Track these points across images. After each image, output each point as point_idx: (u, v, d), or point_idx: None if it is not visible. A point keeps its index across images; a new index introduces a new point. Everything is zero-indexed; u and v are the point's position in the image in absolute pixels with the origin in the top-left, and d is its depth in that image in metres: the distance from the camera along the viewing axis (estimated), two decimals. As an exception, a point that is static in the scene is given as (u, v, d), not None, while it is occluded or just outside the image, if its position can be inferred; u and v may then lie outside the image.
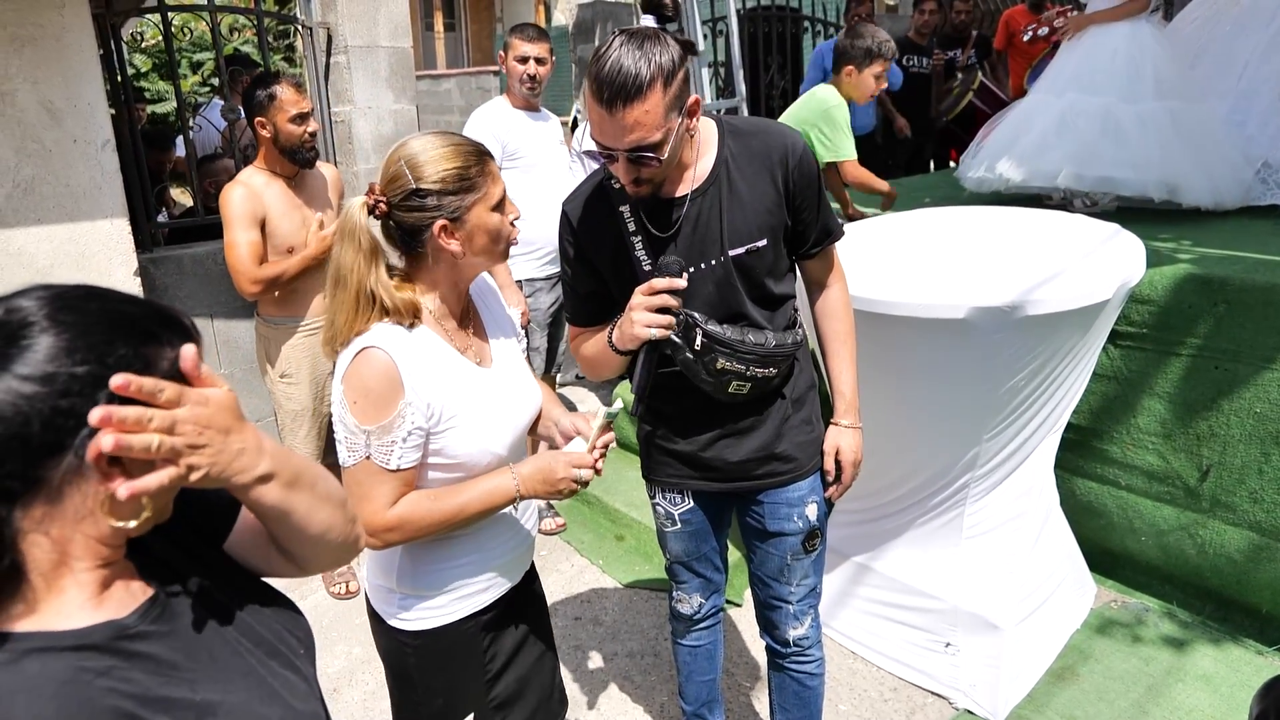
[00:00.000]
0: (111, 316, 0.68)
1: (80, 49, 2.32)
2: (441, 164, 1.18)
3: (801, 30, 6.73)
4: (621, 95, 1.25)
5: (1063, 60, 3.32)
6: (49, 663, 0.66)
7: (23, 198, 2.30)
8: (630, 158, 1.32)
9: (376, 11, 3.28)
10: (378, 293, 1.20)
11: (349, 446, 1.19)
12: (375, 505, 1.21)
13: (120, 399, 0.64)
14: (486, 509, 1.26)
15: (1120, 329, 2.40)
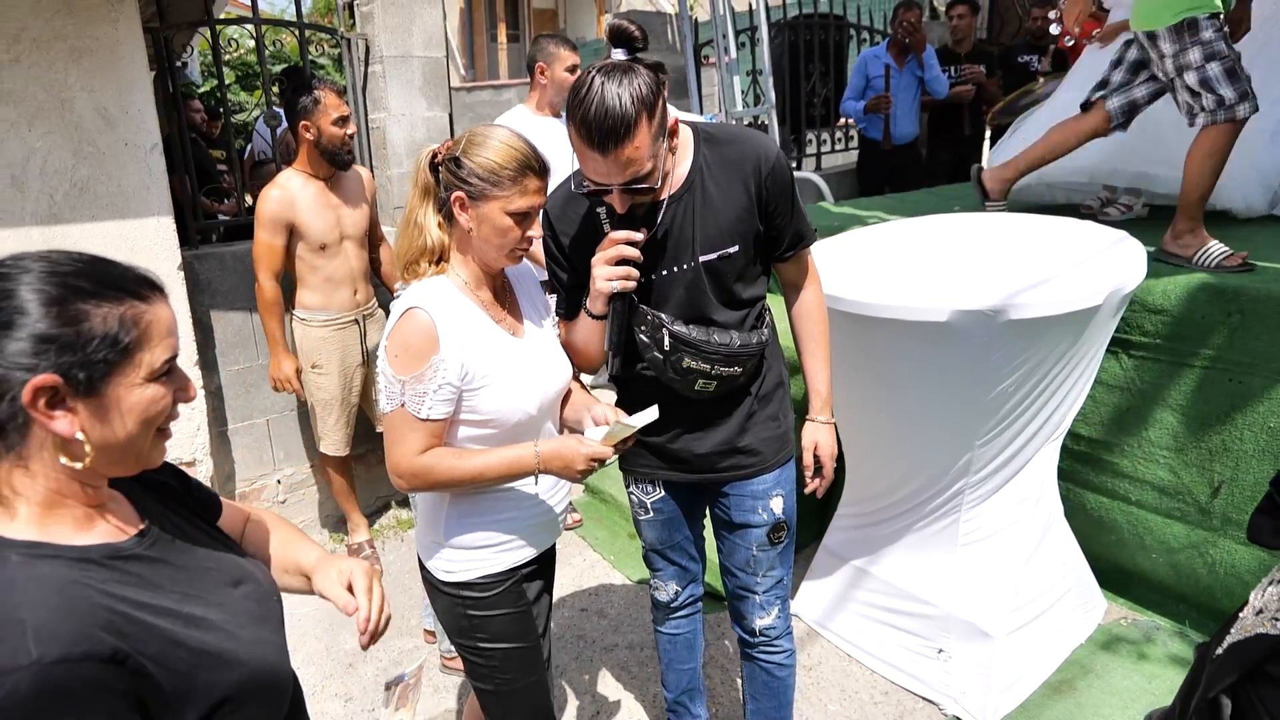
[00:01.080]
0: (32, 298, 0.78)
1: (132, 59, 2.51)
2: (488, 152, 1.32)
3: (846, 38, 6.69)
4: (612, 138, 1.28)
5: (1094, 61, 3.26)
6: (56, 567, 0.78)
7: (79, 196, 2.50)
8: (625, 191, 1.37)
9: (411, 23, 3.43)
10: (422, 225, 1.38)
11: (387, 394, 1.34)
12: (404, 450, 1.35)
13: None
14: (505, 476, 1.38)
15: (1132, 339, 2.35)
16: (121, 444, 0.83)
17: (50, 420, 0.78)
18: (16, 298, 0.77)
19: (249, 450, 3.21)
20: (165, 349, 0.85)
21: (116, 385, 0.81)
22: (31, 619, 0.71)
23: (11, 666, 0.68)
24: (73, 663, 0.71)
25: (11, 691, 0.67)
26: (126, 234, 2.60)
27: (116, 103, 2.51)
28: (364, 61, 3.39)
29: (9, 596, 0.73)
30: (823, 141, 6.28)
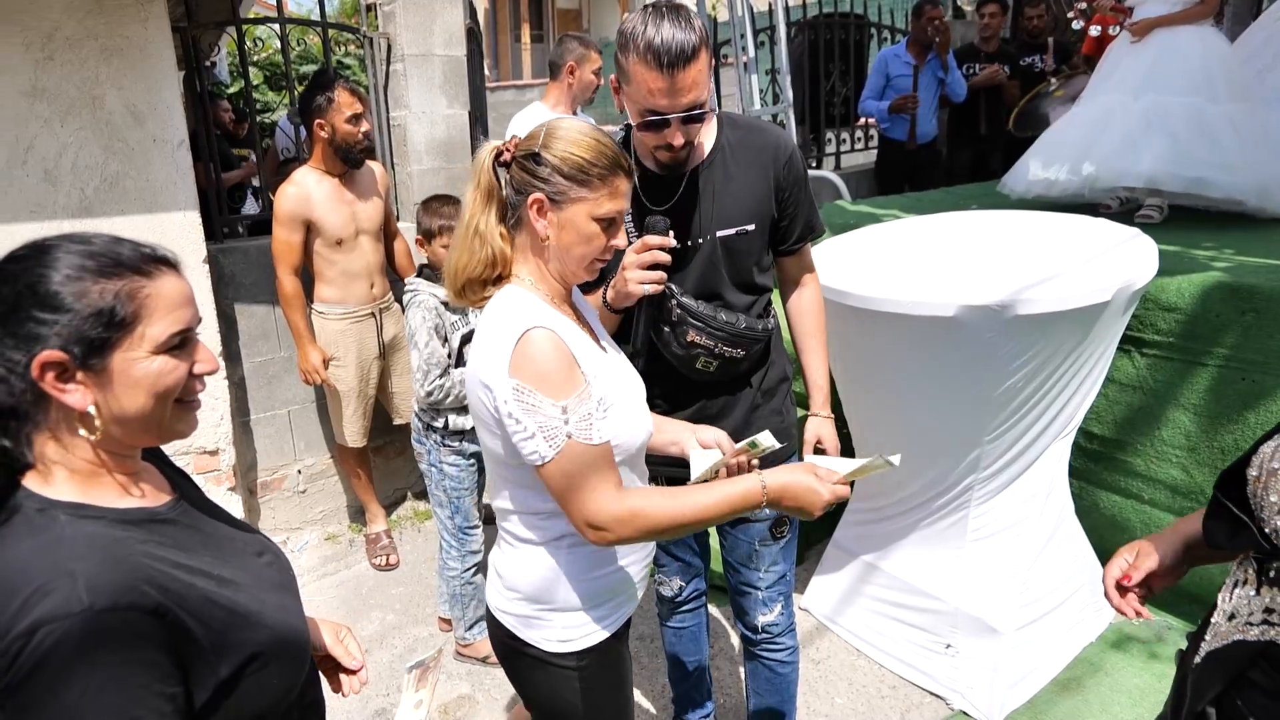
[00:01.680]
0: (20, 294, 0.82)
1: (161, 58, 2.58)
2: (573, 147, 1.15)
3: (866, 37, 6.67)
4: (681, 59, 1.36)
5: (1131, 62, 3.21)
6: (100, 526, 0.83)
7: (109, 191, 2.58)
8: (685, 118, 1.42)
9: (432, 23, 3.49)
10: (484, 234, 1.18)
11: (545, 437, 1.08)
12: (599, 491, 1.10)
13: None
14: (728, 514, 1.17)
15: (1145, 337, 2.33)
16: (135, 416, 0.86)
17: (62, 394, 0.82)
18: (27, 278, 0.82)
19: (270, 440, 3.28)
20: (171, 322, 0.86)
21: (120, 359, 0.84)
22: (82, 571, 0.76)
23: (65, 613, 0.73)
24: (121, 611, 0.76)
25: (65, 636, 0.73)
26: (154, 228, 2.68)
27: (145, 100, 2.58)
28: (385, 60, 3.45)
29: (60, 550, 0.78)
30: (842, 141, 6.26)
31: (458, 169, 3.63)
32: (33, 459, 0.84)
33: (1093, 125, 3.17)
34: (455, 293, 1.24)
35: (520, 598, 1.25)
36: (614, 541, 1.12)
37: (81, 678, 0.74)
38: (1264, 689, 0.93)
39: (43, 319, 0.81)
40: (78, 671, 0.73)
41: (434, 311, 2.31)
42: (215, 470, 2.90)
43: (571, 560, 1.23)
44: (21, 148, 2.41)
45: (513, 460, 1.16)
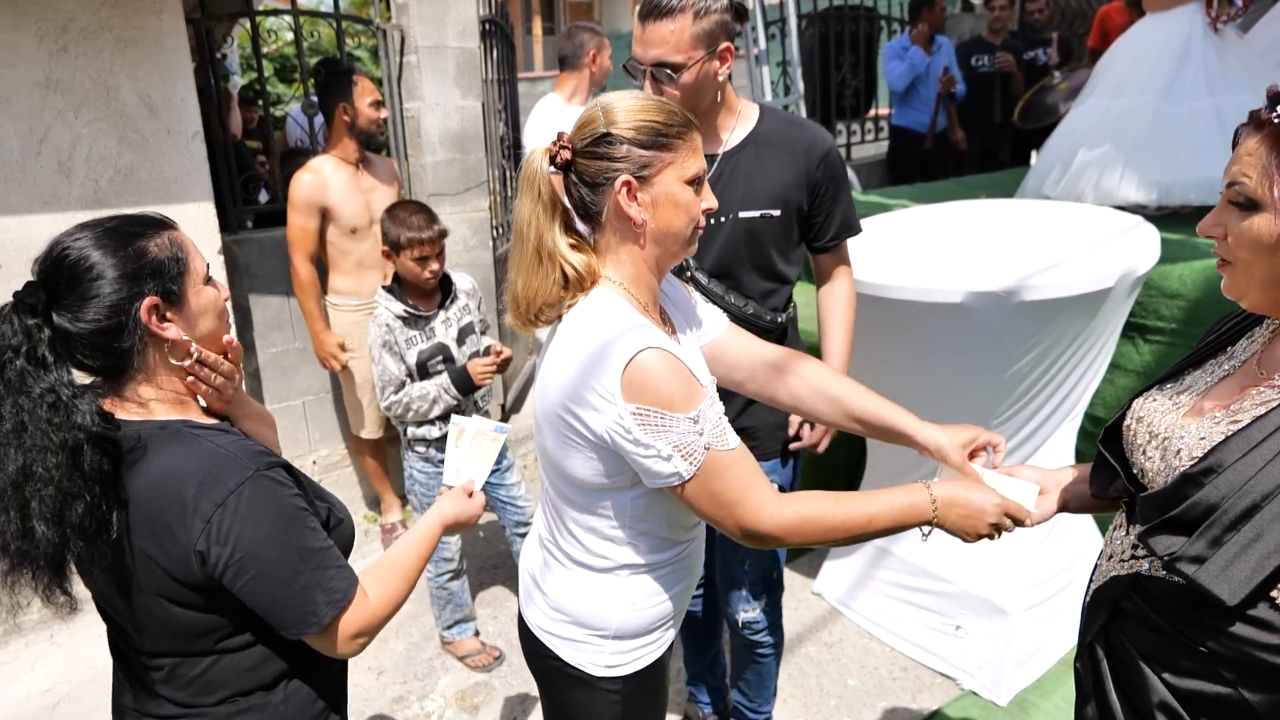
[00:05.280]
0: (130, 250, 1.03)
1: (175, 49, 2.61)
2: (640, 113, 1.07)
3: (876, 30, 6.66)
4: (653, 12, 1.44)
5: (1126, 55, 3.16)
6: (240, 439, 1.07)
7: (123, 182, 2.61)
8: (654, 74, 1.48)
9: (446, 14, 3.51)
10: (554, 252, 1.08)
11: (683, 455, 1.02)
12: (761, 499, 1.05)
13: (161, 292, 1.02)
14: (895, 525, 1.10)
15: (1148, 323, 2.35)
16: (208, 334, 1.09)
17: (163, 330, 1.03)
18: (90, 260, 0.99)
19: (286, 431, 3.31)
20: (201, 259, 1.09)
21: (189, 291, 1.06)
22: (238, 452, 1.03)
23: (239, 481, 1.00)
24: (270, 470, 1.03)
25: (250, 495, 1.00)
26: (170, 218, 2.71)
27: (160, 91, 2.62)
28: (399, 52, 3.48)
29: (203, 446, 1.02)
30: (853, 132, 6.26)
31: (472, 160, 3.66)
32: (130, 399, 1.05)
33: (1098, 124, 3.08)
34: (526, 320, 1.12)
35: (568, 620, 1.20)
36: (779, 544, 1.08)
37: (270, 519, 1.00)
38: (1134, 616, 1.00)
39: (116, 281, 0.99)
40: (266, 514, 1.00)
41: (385, 328, 2.24)
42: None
43: (630, 589, 1.17)
44: (35, 139, 2.45)
45: (605, 482, 1.10)
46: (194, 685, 1.08)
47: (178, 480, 0.98)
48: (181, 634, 1.05)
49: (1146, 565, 0.99)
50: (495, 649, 2.59)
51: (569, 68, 3.17)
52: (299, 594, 1.02)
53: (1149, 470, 1.01)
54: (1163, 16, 2.98)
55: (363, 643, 1.10)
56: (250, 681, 1.09)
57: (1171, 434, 0.99)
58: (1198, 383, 1.03)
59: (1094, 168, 2.89)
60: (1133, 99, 2.94)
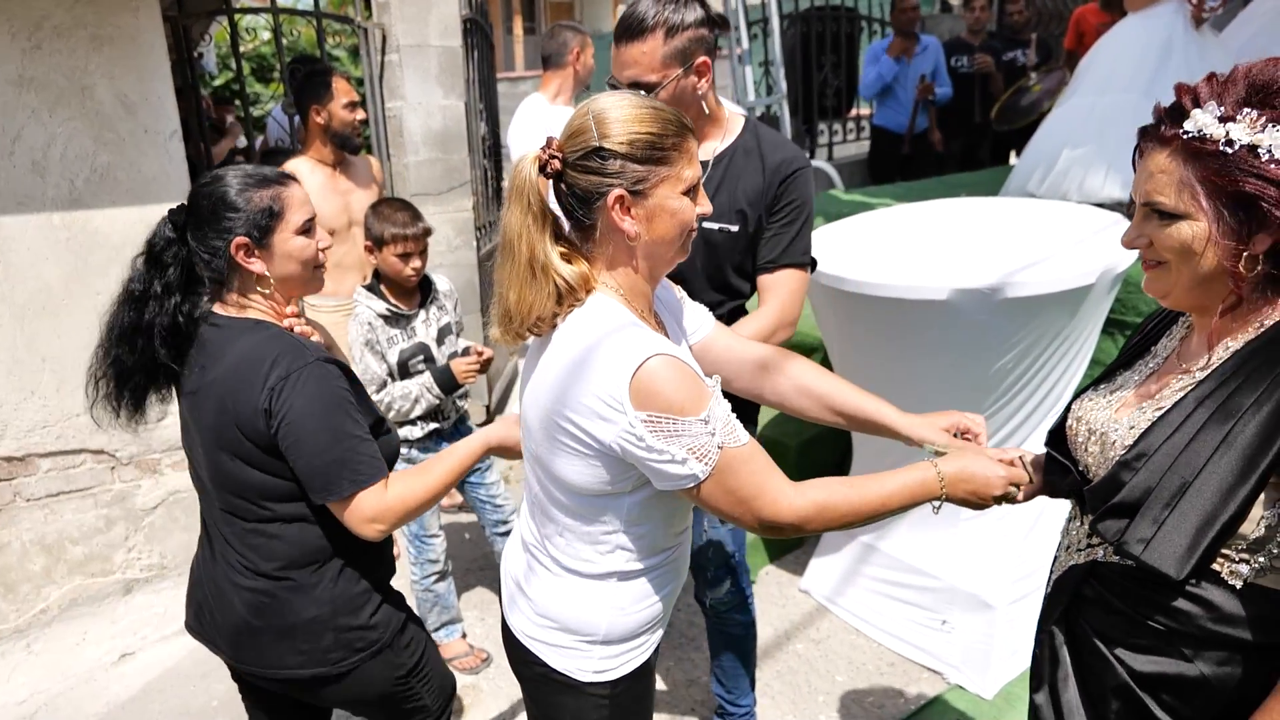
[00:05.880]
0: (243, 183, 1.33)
1: (152, 47, 2.57)
2: (635, 125, 1.03)
3: (857, 30, 6.72)
4: (627, 34, 1.48)
5: (1106, 56, 3.20)
6: (309, 340, 1.37)
7: (99, 182, 2.57)
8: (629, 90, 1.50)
9: (428, 13, 3.49)
10: (548, 264, 1.05)
11: (697, 456, 1.01)
12: (777, 491, 1.05)
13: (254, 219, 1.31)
14: (908, 504, 1.11)
15: (1127, 319, 2.38)
16: (293, 276, 1.35)
17: (248, 264, 1.31)
18: (214, 198, 1.30)
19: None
20: (302, 214, 1.35)
21: (278, 239, 1.32)
22: (306, 345, 1.31)
23: (302, 363, 1.27)
24: (328, 362, 1.30)
25: (308, 374, 1.25)
26: (147, 219, 2.59)
27: (137, 90, 2.57)
28: (380, 51, 3.45)
29: (279, 337, 1.30)
30: (834, 132, 6.30)
31: (455, 160, 3.63)
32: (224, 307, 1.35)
33: (1081, 123, 3.11)
34: (517, 334, 1.10)
35: (554, 627, 1.19)
36: (796, 535, 1.08)
37: (318, 397, 1.25)
38: (1094, 601, 1.05)
39: (230, 217, 1.29)
40: (316, 393, 1.25)
41: (367, 326, 2.24)
42: (212, 462, 2.91)
43: (619, 594, 1.16)
44: (8, 138, 2.40)
45: (606, 489, 1.08)
46: (259, 552, 1.33)
47: (257, 356, 1.26)
48: (246, 492, 1.30)
49: (1102, 552, 1.04)
50: (483, 651, 2.58)
51: (553, 67, 3.17)
52: (327, 465, 1.24)
53: (1091, 465, 1.07)
54: (1145, 15, 3.02)
55: (379, 529, 1.28)
56: (302, 554, 1.33)
57: (1107, 428, 1.05)
58: (1128, 381, 1.10)
59: (1079, 165, 2.93)
60: (1116, 97, 2.98)
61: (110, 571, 2.77)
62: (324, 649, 1.34)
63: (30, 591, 2.64)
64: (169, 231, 1.32)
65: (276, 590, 1.32)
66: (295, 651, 1.34)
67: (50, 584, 2.67)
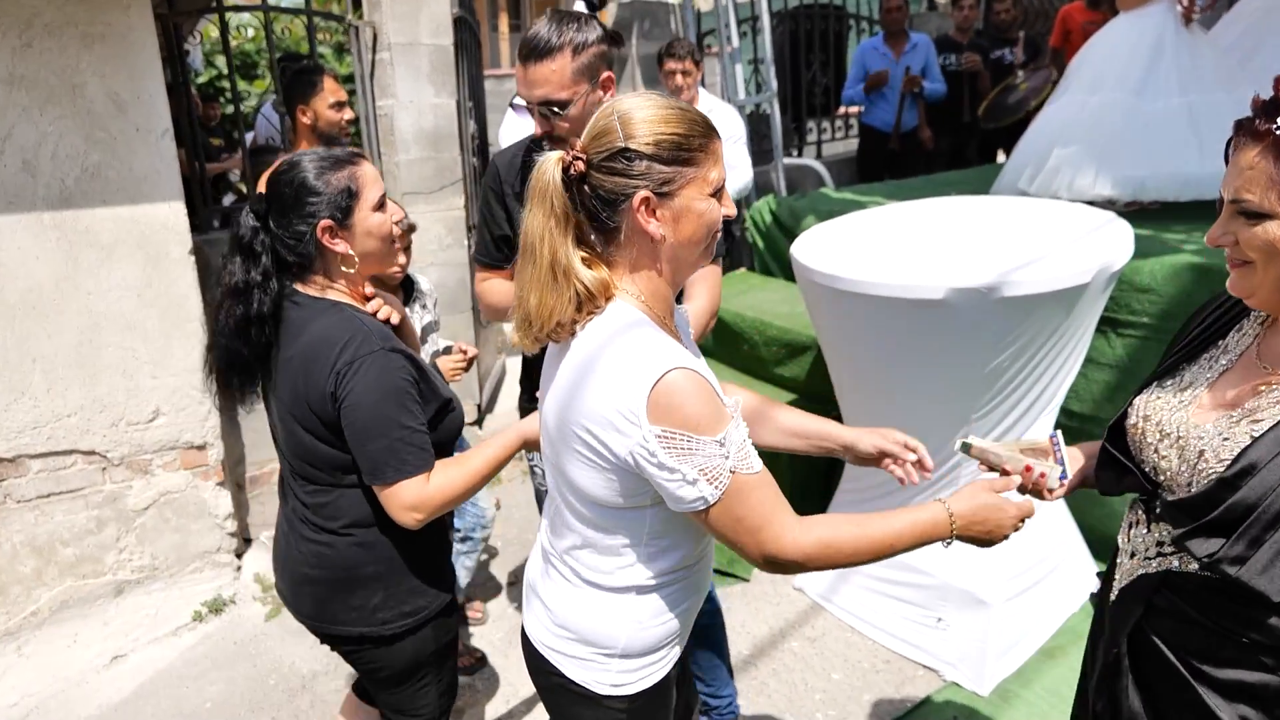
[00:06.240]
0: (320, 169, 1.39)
1: (144, 45, 2.55)
2: (660, 126, 1.01)
3: (846, 28, 6.74)
4: (533, 54, 1.51)
5: (1095, 55, 3.22)
6: (381, 325, 1.43)
7: (90, 181, 2.54)
8: (541, 111, 1.56)
9: (419, 11, 3.47)
10: (571, 269, 1.03)
11: (709, 479, 1.00)
12: (782, 525, 1.03)
13: None
14: (916, 544, 1.10)
15: (1120, 317, 2.41)
16: (374, 253, 1.42)
17: (333, 244, 1.37)
18: (294, 185, 1.36)
19: (259, 434, 3.22)
20: (376, 190, 1.41)
21: (358, 218, 1.39)
22: (376, 332, 1.37)
23: (369, 350, 1.33)
24: (393, 351, 1.36)
25: (373, 361, 1.32)
26: (138, 218, 2.65)
27: (128, 88, 2.55)
28: (371, 49, 3.43)
29: (353, 321, 1.37)
30: (823, 130, 6.33)
31: (446, 159, 3.62)
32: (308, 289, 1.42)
33: (1070, 123, 3.09)
34: (536, 339, 1.08)
35: (572, 638, 1.18)
36: (797, 572, 1.08)
37: (377, 386, 1.31)
38: (1167, 611, 1.03)
39: (312, 201, 1.35)
40: (376, 382, 1.31)
41: None
42: (203, 465, 2.88)
43: (638, 607, 1.15)
44: None
45: (623, 502, 1.07)
46: (324, 511, 1.42)
47: (330, 339, 1.34)
48: (318, 462, 1.39)
49: (1176, 562, 1.01)
50: (478, 650, 2.58)
51: None
52: (376, 451, 1.31)
53: (1166, 470, 1.03)
54: (1136, 14, 3.05)
55: (418, 518, 1.34)
56: (363, 515, 1.41)
57: (1187, 433, 1.00)
58: (1198, 379, 1.05)
59: (1069, 164, 2.95)
60: (1107, 95, 3.00)
61: (101, 573, 2.75)
62: (373, 608, 1.43)
63: (21, 594, 2.61)
64: (253, 221, 1.38)
65: (339, 544, 1.42)
66: (348, 608, 1.43)
67: (41, 586, 2.64)
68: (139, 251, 2.65)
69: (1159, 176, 2.87)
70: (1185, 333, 1.12)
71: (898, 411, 2.27)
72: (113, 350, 2.64)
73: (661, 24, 5.86)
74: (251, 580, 3.00)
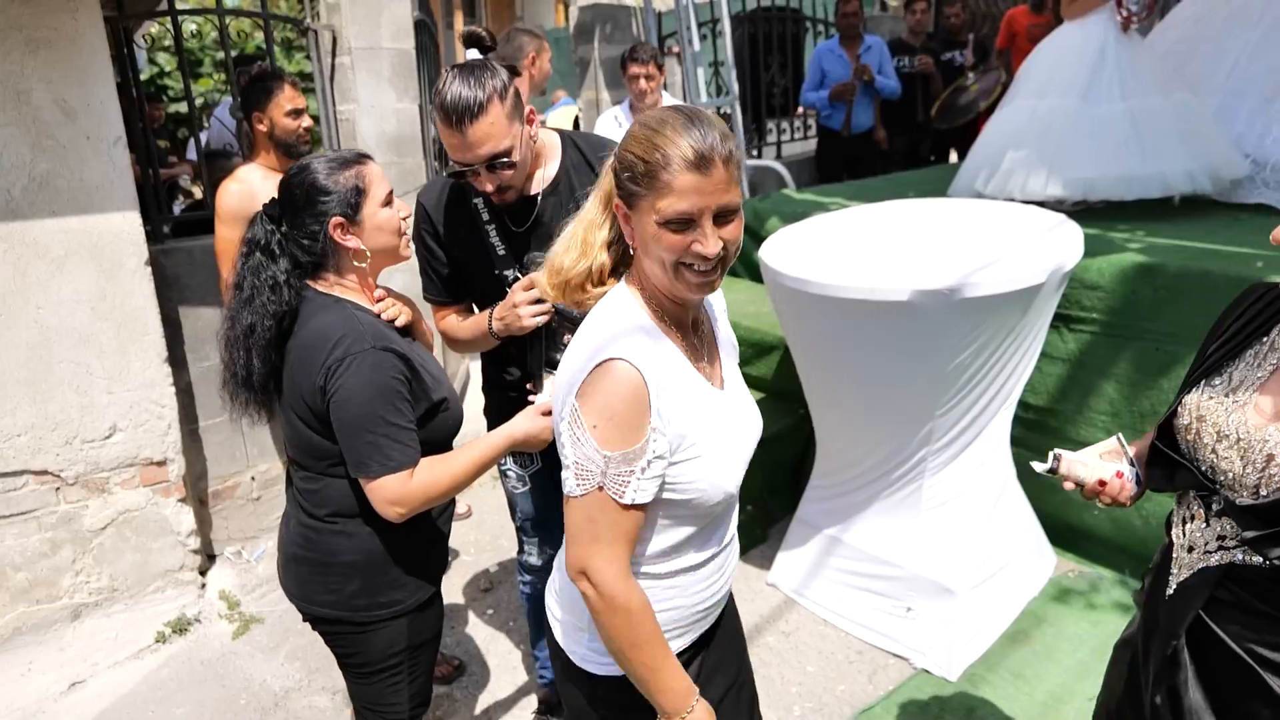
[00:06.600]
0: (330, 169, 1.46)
1: (93, 50, 2.47)
2: (631, 142, 1.06)
3: (803, 31, 6.85)
4: (466, 115, 1.48)
5: (1046, 59, 3.33)
6: (368, 314, 1.47)
7: (38, 191, 2.45)
8: (489, 167, 1.54)
9: (379, 15, 3.43)
10: (589, 244, 1.13)
11: (578, 474, 1.04)
12: (611, 561, 1.06)
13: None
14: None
15: (1072, 314, 2.51)
16: (383, 248, 1.48)
17: (345, 240, 1.44)
18: (304, 187, 1.42)
19: (221, 447, 3.19)
20: (382, 187, 1.47)
21: (367, 214, 1.45)
22: (365, 329, 1.41)
23: (360, 348, 1.37)
24: (387, 350, 1.39)
25: (362, 358, 1.36)
26: (90, 229, 2.57)
27: (77, 95, 2.47)
28: (331, 53, 3.38)
29: (351, 319, 1.41)
30: (783, 131, 6.42)
31: (409, 164, 3.59)
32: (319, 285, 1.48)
33: (1023, 127, 3.17)
34: (553, 286, 1.17)
35: (558, 599, 1.25)
36: (593, 609, 1.09)
37: (366, 384, 1.35)
38: (1231, 603, 1.06)
39: (323, 200, 1.42)
40: (365, 379, 1.36)
41: None
42: (164, 481, 2.80)
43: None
44: (-60, 146, 2.29)
45: None
46: (314, 498, 1.47)
47: (325, 334, 1.39)
48: (309, 451, 1.44)
49: (1240, 555, 1.03)
50: (455, 659, 2.57)
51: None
52: (361, 446, 1.36)
53: (1227, 471, 1.03)
54: (1079, 23, 3.19)
55: (400, 512, 1.38)
56: (348, 506, 1.45)
57: (1249, 436, 1.01)
58: (1247, 378, 1.05)
59: (1021, 166, 3.07)
60: (1055, 101, 3.13)
61: (57, 597, 2.66)
62: (349, 594, 1.48)
63: (-28, 622, 2.52)
64: (268, 224, 1.46)
65: (324, 530, 1.48)
66: (326, 589, 1.49)
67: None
68: (92, 263, 2.57)
69: (1105, 178, 3.00)
70: (1220, 328, 1.12)
71: (866, 410, 2.33)
72: (65, 366, 2.55)
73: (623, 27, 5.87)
74: (217, 598, 2.93)
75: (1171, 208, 3.10)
